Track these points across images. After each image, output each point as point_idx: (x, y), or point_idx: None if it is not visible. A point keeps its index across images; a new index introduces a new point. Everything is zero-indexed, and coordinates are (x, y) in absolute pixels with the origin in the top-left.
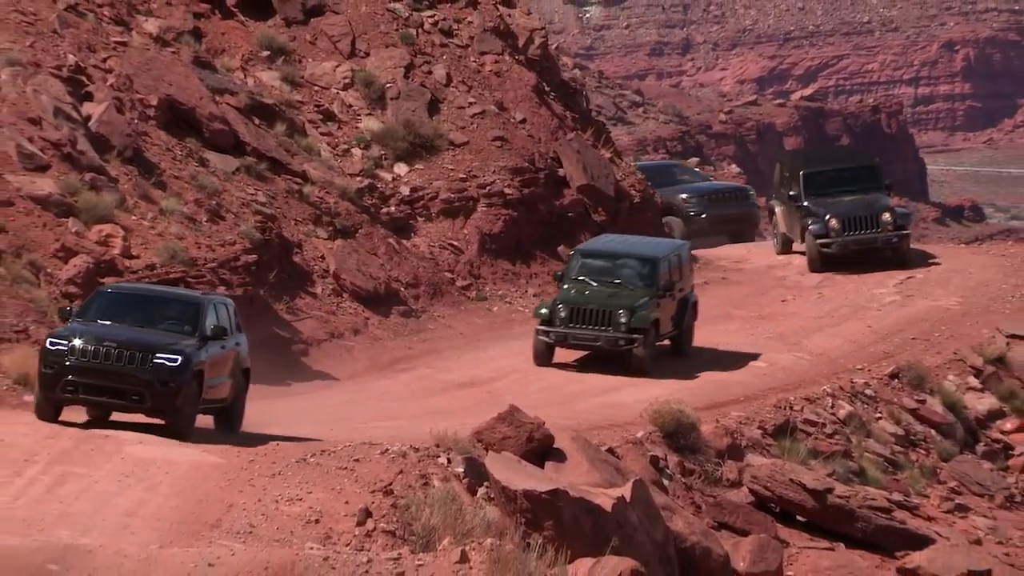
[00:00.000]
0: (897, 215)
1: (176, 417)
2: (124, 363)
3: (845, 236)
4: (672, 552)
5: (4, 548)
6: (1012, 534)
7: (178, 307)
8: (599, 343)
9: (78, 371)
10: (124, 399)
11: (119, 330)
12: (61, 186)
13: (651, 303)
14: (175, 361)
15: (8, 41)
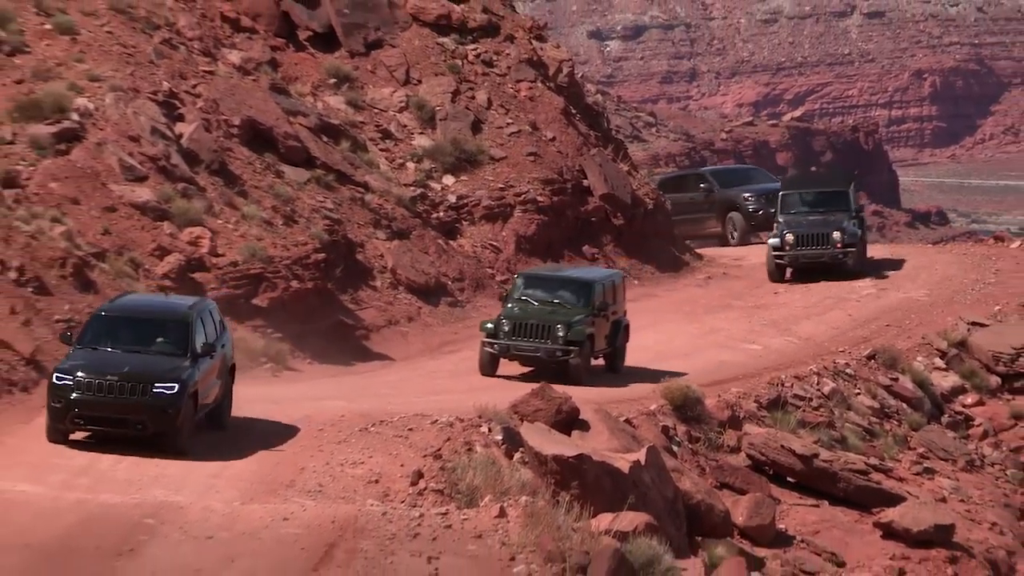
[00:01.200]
0: (847, 234)
1: (176, 438)
2: (126, 395)
3: (797, 250)
4: (680, 508)
5: (108, 505)
6: (972, 493)
7: (168, 327)
8: (539, 354)
9: (83, 404)
10: (128, 428)
11: (118, 359)
12: (157, 194)
13: (586, 320)
14: (172, 389)
15: (111, 70)
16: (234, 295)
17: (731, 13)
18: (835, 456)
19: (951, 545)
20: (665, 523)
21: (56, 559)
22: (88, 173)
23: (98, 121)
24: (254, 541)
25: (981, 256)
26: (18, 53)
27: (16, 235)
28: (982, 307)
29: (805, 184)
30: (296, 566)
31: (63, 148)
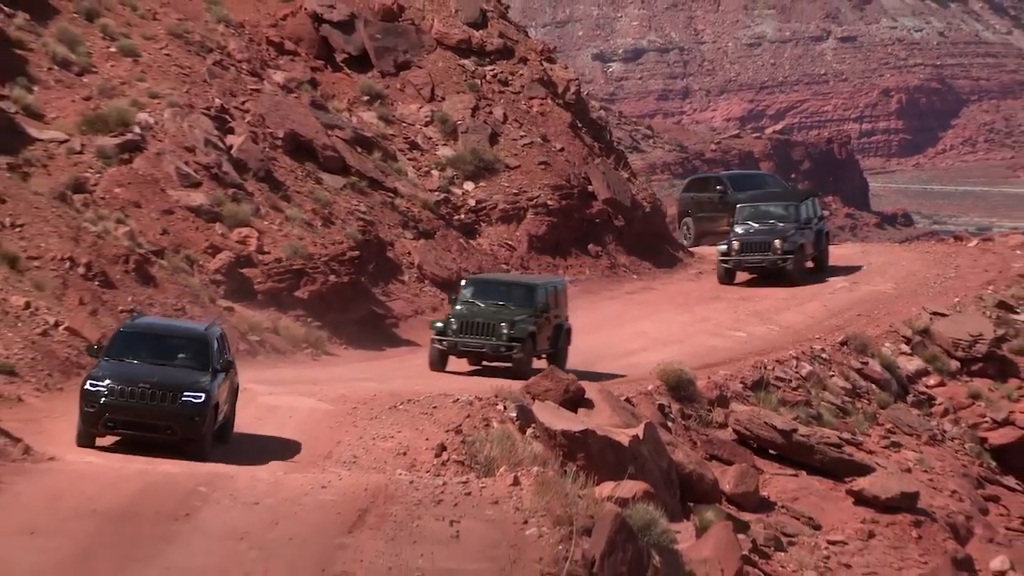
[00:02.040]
0: (788, 243)
1: (201, 444)
2: (157, 401)
3: (741, 256)
4: (674, 477)
5: (166, 475)
6: (934, 464)
7: (189, 344)
8: (484, 350)
9: (116, 409)
10: (157, 432)
11: (147, 370)
12: (210, 199)
13: (529, 320)
14: (199, 398)
15: (169, 88)
16: (278, 288)
17: (720, 38)
18: (812, 431)
19: (916, 511)
20: (661, 491)
21: (120, 523)
22: (148, 180)
23: (157, 133)
24: (295, 506)
25: (942, 254)
26: (86, 73)
27: (85, 235)
28: (943, 299)
29: (760, 199)
30: (333, 529)
31: (126, 157)
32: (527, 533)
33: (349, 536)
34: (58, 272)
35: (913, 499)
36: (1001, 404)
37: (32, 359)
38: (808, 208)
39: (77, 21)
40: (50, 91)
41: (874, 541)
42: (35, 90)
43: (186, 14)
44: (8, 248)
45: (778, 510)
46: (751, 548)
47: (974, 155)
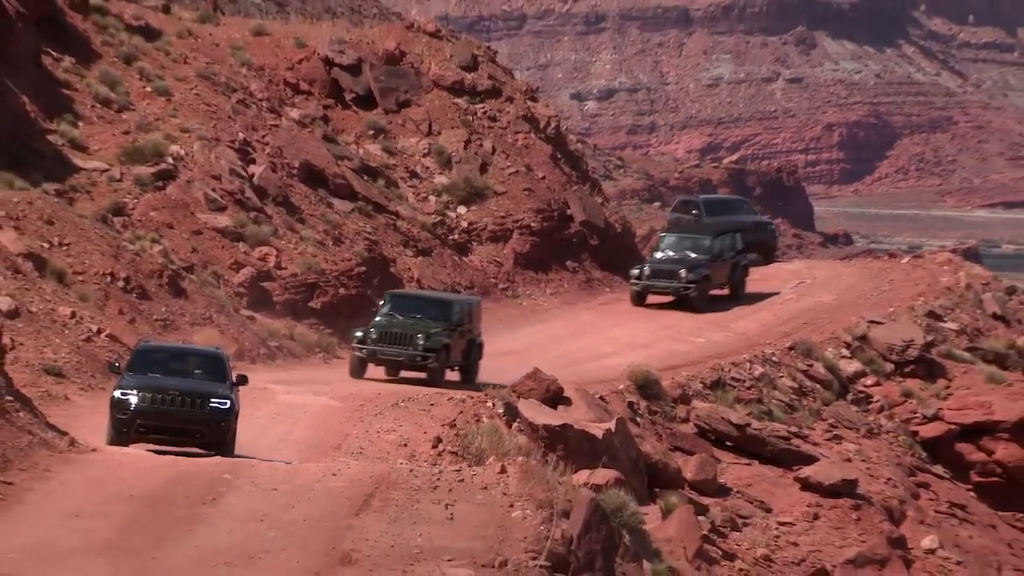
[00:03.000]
0: (692, 272)
1: (225, 449)
2: (186, 408)
3: (649, 281)
4: (642, 466)
5: (195, 464)
6: (872, 455)
7: (207, 360)
8: (401, 359)
9: (147, 416)
10: (186, 436)
11: (172, 381)
12: (234, 221)
13: (444, 332)
14: (225, 404)
15: (198, 123)
16: (294, 299)
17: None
18: (763, 425)
19: (855, 495)
20: (630, 478)
21: (154, 506)
22: (180, 204)
23: (188, 164)
24: (309, 492)
25: (878, 269)
26: (125, 110)
27: (123, 252)
28: (879, 309)
29: (681, 230)
30: (342, 511)
31: (160, 185)
32: (513, 515)
33: (356, 518)
34: (100, 285)
35: (853, 485)
36: (930, 402)
37: (77, 362)
38: (724, 242)
39: (117, 64)
40: (93, 126)
41: (818, 522)
42: (80, 125)
43: (213, 58)
44: (56, 264)
45: (734, 495)
46: (710, 528)
47: (906, 182)
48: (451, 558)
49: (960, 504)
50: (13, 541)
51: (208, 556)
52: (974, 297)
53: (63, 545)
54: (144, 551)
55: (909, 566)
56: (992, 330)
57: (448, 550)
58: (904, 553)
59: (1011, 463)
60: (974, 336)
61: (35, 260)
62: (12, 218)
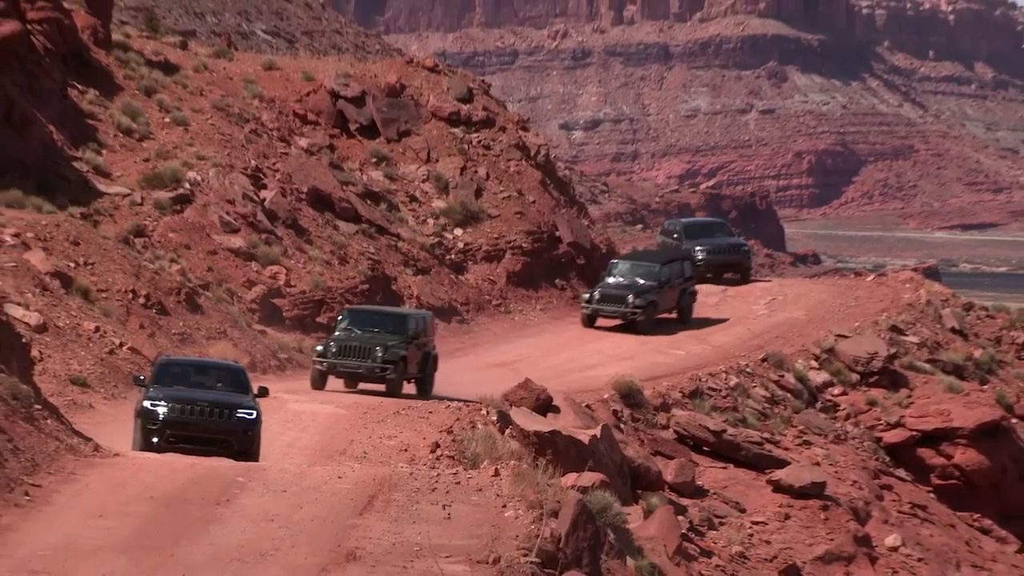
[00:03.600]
0: (640, 298)
1: (251, 457)
2: (215, 418)
3: (599, 305)
4: (626, 469)
5: (210, 467)
6: (839, 459)
7: (229, 373)
8: (360, 371)
9: (177, 425)
10: (215, 446)
11: (199, 393)
12: (247, 242)
13: (400, 345)
14: (252, 414)
15: (214, 151)
16: (303, 315)
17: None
18: (738, 432)
19: (824, 497)
20: (615, 480)
21: (172, 506)
22: (196, 226)
23: (204, 189)
24: (316, 493)
25: (845, 287)
26: (145, 139)
27: (144, 271)
28: (846, 323)
29: (631, 257)
30: (347, 511)
31: (178, 208)
32: (506, 515)
33: (360, 517)
34: (122, 302)
35: (821, 487)
36: (893, 410)
37: (101, 373)
38: (672, 269)
39: (138, 96)
40: (116, 154)
41: (789, 522)
42: (104, 153)
43: (227, 91)
44: (81, 282)
45: (711, 496)
46: (689, 527)
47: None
48: (448, 555)
49: (921, 505)
50: (42, 540)
51: (222, 553)
52: (934, 313)
53: (88, 543)
54: (163, 548)
55: (874, 563)
56: (951, 343)
57: (445, 547)
58: (869, 551)
59: (969, 467)
60: (934, 349)
61: (62, 278)
62: (40, 239)
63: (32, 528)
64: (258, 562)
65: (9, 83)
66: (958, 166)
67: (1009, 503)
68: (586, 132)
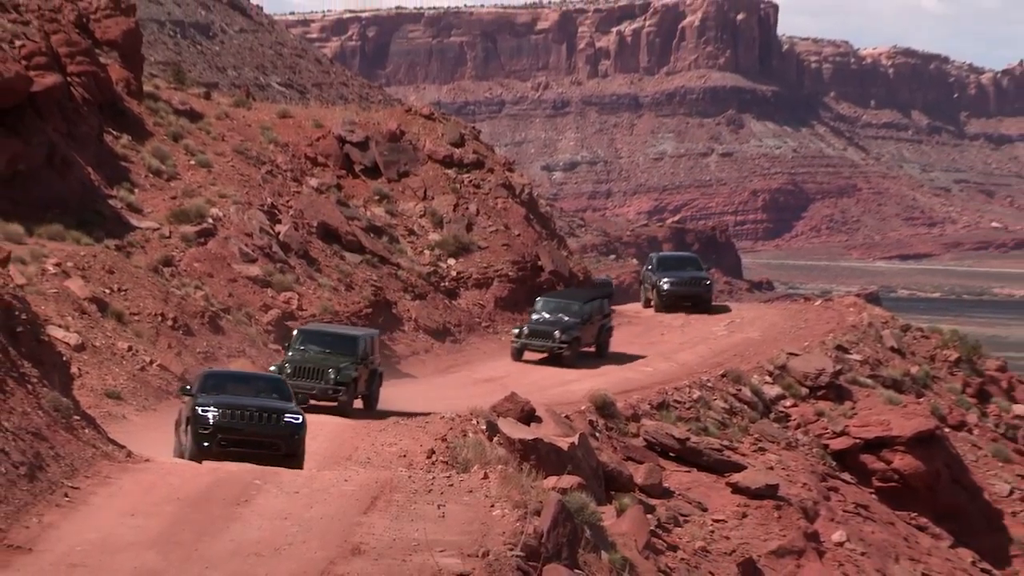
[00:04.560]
0: (565, 333)
1: (298, 460)
2: (264, 423)
3: (528, 340)
4: (601, 473)
5: (230, 471)
6: (790, 464)
7: (271, 383)
8: (315, 392)
9: (228, 430)
10: (264, 449)
11: (247, 399)
12: (263, 271)
13: (351, 366)
14: (298, 419)
15: (234, 190)
16: None
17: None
18: (701, 440)
19: (777, 497)
20: (591, 483)
21: (196, 506)
22: (218, 257)
23: (225, 224)
24: (325, 494)
25: (796, 310)
26: (173, 179)
27: (172, 297)
28: (796, 343)
29: (556, 295)
30: (352, 511)
31: (202, 241)
32: (494, 514)
33: (364, 516)
34: (152, 324)
35: (775, 489)
36: (839, 420)
37: (133, 388)
38: (593, 307)
39: (166, 141)
40: (147, 192)
41: (746, 520)
42: (136, 192)
43: (246, 136)
44: (116, 307)
45: (676, 497)
46: (656, 524)
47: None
48: (443, 549)
49: (864, 505)
50: (80, 536)
51: (241, 548)
52: (875, 333)
53: (121, 539)
54: (188, 544)
55: (822, 556)
56: (890, 361)
57: (440, 543)
58: (818, 546)
59: (906, 471)
60: (875, 366)
61: (98, 303)
62: (79, 269)
63: (71, 526)
64: (273, 556)
65: (51, 129)
66: (896, 203)
67: (942, 503)
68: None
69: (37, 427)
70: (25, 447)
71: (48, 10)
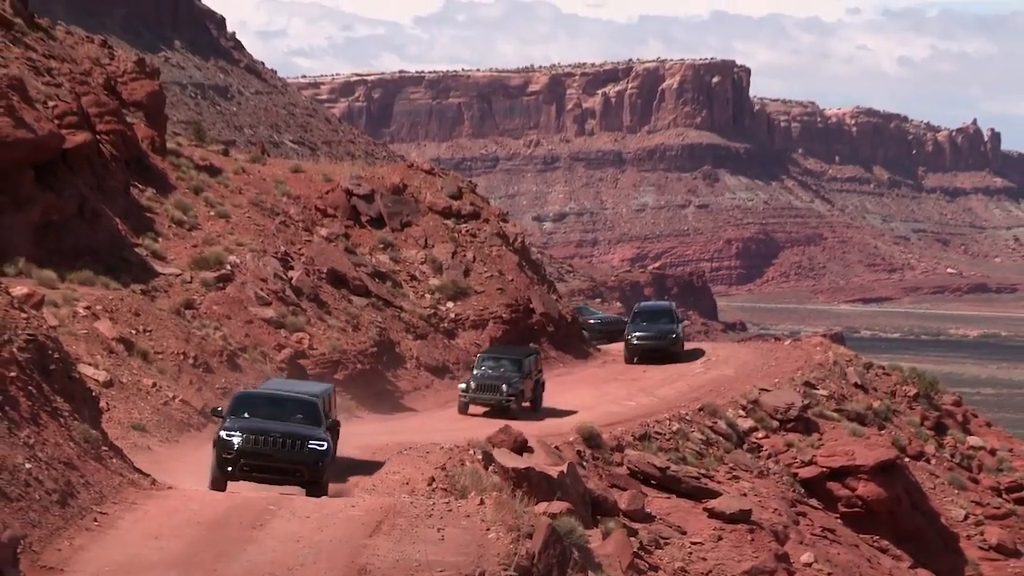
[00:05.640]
0: (511, 387)
1: (321, 488)
2: (287, 449)
3: (476, 394)
4: (588, 499)
5: (246, 498)
6: (762, 491)
7: (303, 406)
8: None
9: (250, 455)
10: (287, 475)
11: (272, 424)
12: (277, 313)
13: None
14: (323, 446)
15: (250, 238)
16: (323, 372)
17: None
18: (680, 468)
19: (750, 522)
20: (579, 508)
21: (215, 530)
22: (236, 300)
23: (242, 270)
24: (334, 519)
25: (767, 349)
26: (194, 229)
27: (193, 337)
28: (767, 379)
29: (496, 352)
30: (359, 534)
31: (221, 285)
32: (489, 536)
33: (370, 539)
34: (175, 362)
35: (748, 514)
36: (807, 450)
37: (157, 421)
38: (530, 362)
39: (188, 194)
40: (170, 241)
41: (722, 542)
42: (160, 240)
43: (261, 189)
44: (141, 346)
45: (657, 521)
46: (639, 546)
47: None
48: (442, 569)
49: (830, 528)
50: (108, 557)
51: (257, 568)
52: (840, 371)
53: (146, 560)
54: (207, 564)
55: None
56: (854, 396)
57: (440, 563)
58: (788, 566)
59: (869, 497)
60: (840, 400)
61: (125, 343)
62: (108, 311)
63: (100, 548)
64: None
65: (82, 183)
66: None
67: (903, 527)
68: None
69: (68, 457)
70: (57, 475)
71: (79, 73)
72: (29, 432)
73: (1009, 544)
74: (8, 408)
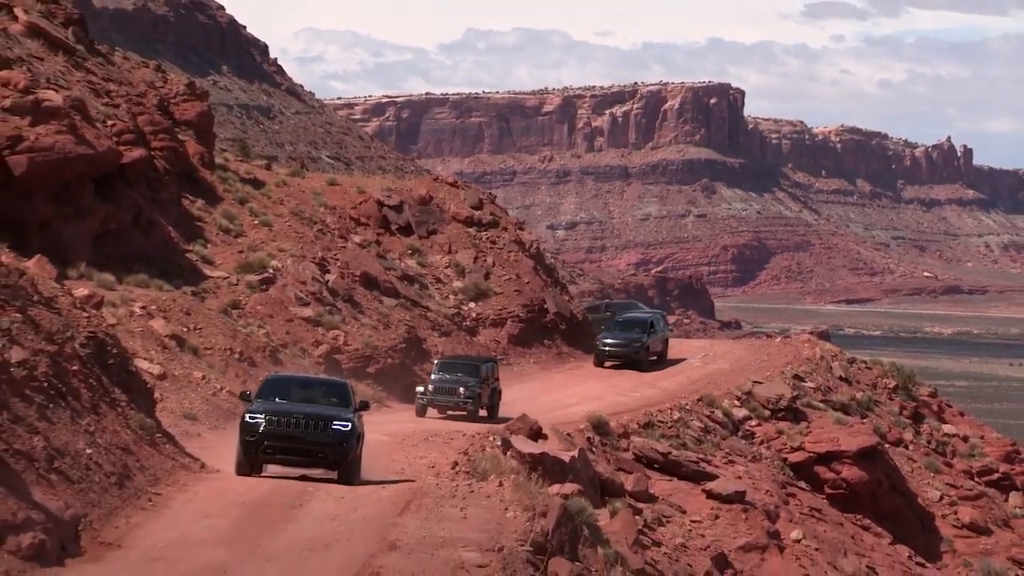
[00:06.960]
0: (468, 391)
1: (348, 469)
2: (310, 430)
3: (434, 397)
4: (597, 481)
5: (286, 481)
6: (756, 474)
7: (331, 388)
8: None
9: (273, 437)
10: (311, 457)
11: (298, 406)
12: (315, 312)
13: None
14: (347, 427)
15: (290, 246)
16: (357, 366)
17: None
18: (680, 453)
19: (744, 502)
20: (589, 490)
21: (257, 510)
22: (278, 301)
23: (283, 273)
24: (366, 499)
25: (760, 346)
26: (239, 236)
27: (239, 334)
28: (760, 373)
29: (455, 359)
30: (389, 513)
31: (264, 288)
32: (507, 515)
33: (399, 517)
34: (222, 357)
35: (743, 495)
36: (796, 437)
37: (206, 410)
38: (487, 369)
39: (234, 205)
40: (218, 248)
41: (719, 521)
42: (208, 247)
43: (300, 201)
44: (192, 343)
45: (660, 501)
46: (643, 524)
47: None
48: (465, 545)
49: (817, 508)
50: (162, 535)
51: (296, 544)
52: (826, 365)
53: (196, 537)
54: (252, 541)
55: (782, 551)
56: (838, 388)
57: (462, 540)
58: (778, 542)
59: (853, 480)
60: (826, 392)
61: (177, 340)
62: (162, 311)
63: (154, 526)
64: (323, 551)
65: (138, 195)
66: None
67: (883, 507)
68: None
69: (125, 443)
70: (115, 460)
71: (135, 95)
72: (90, 420)
73: (980, 523)
74: (71, 399)
